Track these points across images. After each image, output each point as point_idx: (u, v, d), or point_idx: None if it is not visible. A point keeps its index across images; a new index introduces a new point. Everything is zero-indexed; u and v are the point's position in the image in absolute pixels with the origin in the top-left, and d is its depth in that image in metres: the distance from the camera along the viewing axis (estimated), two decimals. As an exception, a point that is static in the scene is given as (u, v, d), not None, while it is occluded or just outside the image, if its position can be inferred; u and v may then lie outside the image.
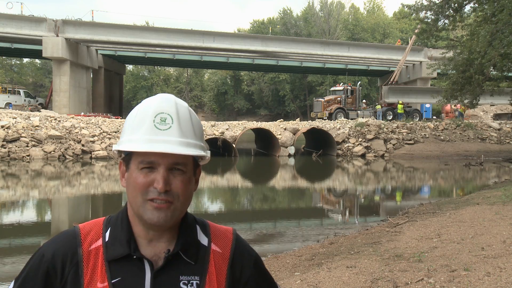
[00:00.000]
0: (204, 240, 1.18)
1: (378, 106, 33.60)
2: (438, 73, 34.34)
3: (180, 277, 1.11)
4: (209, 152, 1.17)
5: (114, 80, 42.53)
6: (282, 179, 18.38)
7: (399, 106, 32.69)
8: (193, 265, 1.13)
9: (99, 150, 21.82)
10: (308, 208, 12.83)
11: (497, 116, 37.90)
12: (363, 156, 25.00)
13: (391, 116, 33.20)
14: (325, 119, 31.45)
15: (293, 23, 63.69)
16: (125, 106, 56.29)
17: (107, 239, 1.13)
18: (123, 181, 1.15)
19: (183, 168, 1.10)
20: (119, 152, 1.14)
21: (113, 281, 1.08)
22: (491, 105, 42.21)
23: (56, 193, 13.70)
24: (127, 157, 1.12)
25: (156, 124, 1.08)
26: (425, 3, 20.38)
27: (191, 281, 1.11)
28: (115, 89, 43.03)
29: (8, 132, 20.84)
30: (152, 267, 1.09)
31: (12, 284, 1.12)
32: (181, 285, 1.10)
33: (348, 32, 59.77)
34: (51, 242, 1.14)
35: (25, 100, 34.61)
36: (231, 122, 28.29)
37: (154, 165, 1.07)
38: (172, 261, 1.12)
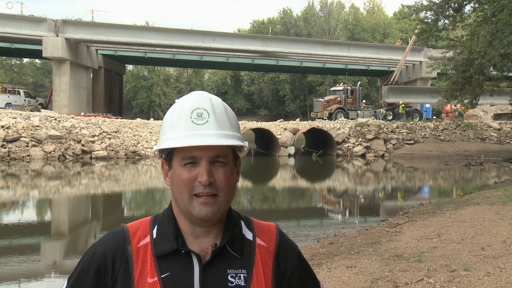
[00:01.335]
0: (249, 234, 1.21)
1: (382, 110, 33.35)
2: (438, 73, 34.35)
3: (228, 270, 1.13)
4: (246, 142, 1.20)
5: (114, 80, 42.53)
6: (282, 179, 18.38)
7: (401, 106, 32.75)
8: (240, 258, 1.16)
9: (99, 150, 21.83)
10: (308, 208, 12.83)
11: (497, 116, 37.90)
12: (363, 156, 25.00)
13: (391, 116, 33.20)
14: (325, 119, 31.45)
15: (293, 23, 63.71)
16: (125, 106, 56.33)
17: (154, 236, 1.16)
18: (167, 180, 1.18)
19: (224, 160, 1.12)
20: (160, 152, 1.17)
21: (162, 276, 1.10)
22: (491, 105, 42.23)
23: (56, 193, 13.70)
24: (169, 155, 1.15)
25: (194, 120, 1.10)
26: (425, 3, 20.40)
27: (238, 274, 1.13)
28: (115, 89, 43.03)
29: (8, 132, 20.84)
30: (200, 261, 1.12)
31: (65, 283, 1.17)
32: (229, 278, 1.12)
33: (348, 32, 59.80)
34: (101, 241, 1.18)
35: (25, 100, 34.61)
36: (231, 122, 28.25)
37: (196, 159, 1.10)
38: (219, 255, 1.14)
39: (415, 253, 5.46)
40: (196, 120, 1.10)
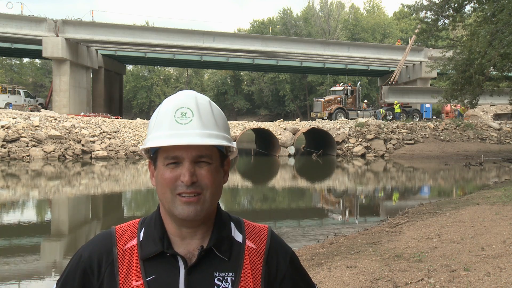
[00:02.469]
0: (238, 236, 1.18)
1: (382, 111, 33.42)
2: (438, 73, 34.37)
3: (215, 273, 1.11)
4: (234, 143, 1.17)
5: (114, 80, 42.54)
6: (282, 179, 18.38)
7: (396, 106, 32.84)
8: (227, 261, 1.13)
9: (99, 150, 21.82)
10: (308, 208, 12.82)
11: (497, 116, 37.89)
12: (363, 156, 25.00)
13: (391, 116, 33.22)
14: (325, 119, 31.45)
15: (293, 23, 63.73)
16: (125, 106, 56.36)
17: (141, 239, 1.14)
18: (153, 180, 1.16)
19: (209, 160, 1.10)
20: (147, 152, 1.15)
21: (147, 279, 1.09)
22: (491, 105, 42.21)
23: (56, 193, 13.70)
24: (154, 155, 1.13)
25: (177, 119, 1.08)
26: (425, 3, 20.41)
27: (225, 278, 1.11)
28: (115, 89, 43.04)
29: (8, 132, 20.84)
30: (185, 264, 1.10)
31: (54, 285, 1.16)
32: (216, 281, 1.10)
33: (348, 32, 59.81)
34: (88, 243, 1.17)
35: (25, 100, 34.62)
36: (231, 122, 28.30)
37: (179, 159, 1.08)
38: (206, 258, 1.12)
39: (415, 253, 5.46)
40: (180, 119, 1.08)
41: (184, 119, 1.08)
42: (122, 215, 11.20)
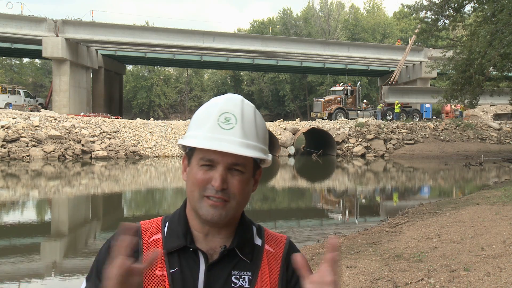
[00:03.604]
0: (258, 241, 1.22)
1: (380, 106, 33.56)
2: (438, 73, 34.39)
3: (233, 271, 1.14)
4: (270, 155, 1.19)
5: (114, 80, 42.53)
6: (282, 179, 18.38)
7: (397, 106, 32.91)
8: (247, 262, 1.17)
9: (99, 150, 21.82)
10: (308, 208, 12.83)
11: (497, 116, 37.91)
12: (363, 156, 25.00)
13: (391, 116, 33.24)
14: (325, 119, 31.46)
15: (293, 23, 63.72)
16: (125, 106, 56.33)
17: (165, 233, 1.18)
18: (184, 175, 1.18)
19: (242, 169, 1.11)
20: (184, 146, 1.17)
21: (171, 271, 1.12)
22: (491, 105, 42.23)
23: (56, 193, 13.70)
24: (190, 152, 1.15)
25: (220, 123, 1.09)
26: (425, 3, 20.42)
27: (243, 276, 1.14)
28: (115, 89, 43.03)
29: (8, 132, 20.84)
30: (206, 260, 1.13)
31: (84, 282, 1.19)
32: (233, 279, 1.13)
33: (348, 32, 59.80)
34: (115, 234, 1.18)
35: (25, 100, 34.62)
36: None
37: (214, 163, 1.09)
38: (227, 257, 1.15)
39: (415, 253, 5.46)
40: (223, 124, 1.09)
41: (227, 124, 1.09)
42: (122, 215, 11.20)
